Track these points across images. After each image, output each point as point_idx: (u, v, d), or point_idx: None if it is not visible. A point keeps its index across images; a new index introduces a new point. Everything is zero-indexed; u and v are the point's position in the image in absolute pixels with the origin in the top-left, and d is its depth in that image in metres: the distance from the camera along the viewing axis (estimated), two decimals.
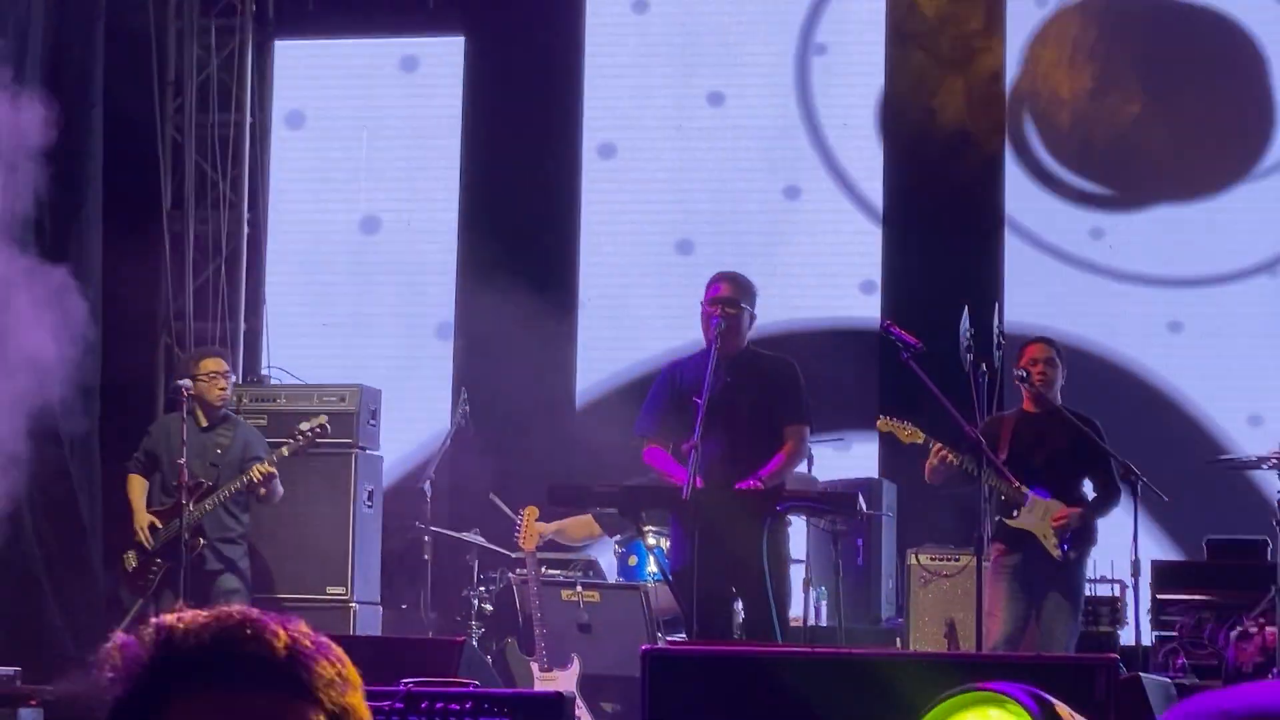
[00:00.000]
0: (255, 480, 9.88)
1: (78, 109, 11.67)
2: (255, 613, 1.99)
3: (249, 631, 1.96)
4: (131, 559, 10.04)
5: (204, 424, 10.14)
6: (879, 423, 9.44)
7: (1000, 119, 12.29)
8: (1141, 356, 12.00)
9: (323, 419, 10.23)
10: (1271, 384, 11.74)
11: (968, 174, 12.22)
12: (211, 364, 10.23)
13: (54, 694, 9.41)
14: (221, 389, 10.14)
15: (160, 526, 9.95)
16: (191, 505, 9.82)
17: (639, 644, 7.14)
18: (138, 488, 10.18)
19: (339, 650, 2.02)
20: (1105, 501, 9.28)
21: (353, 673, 2.03)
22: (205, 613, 1.98)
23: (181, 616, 1.98)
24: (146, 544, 9.96)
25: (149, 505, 10.10)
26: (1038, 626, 9.13)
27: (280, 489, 10.08)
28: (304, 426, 10.16)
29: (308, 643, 1.98)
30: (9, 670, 9.46)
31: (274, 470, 9.93)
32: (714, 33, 12.80)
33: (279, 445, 10.15)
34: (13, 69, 10.87)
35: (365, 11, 13.13)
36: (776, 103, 12.67)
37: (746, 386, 8.58)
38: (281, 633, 1.97)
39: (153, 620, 1.99)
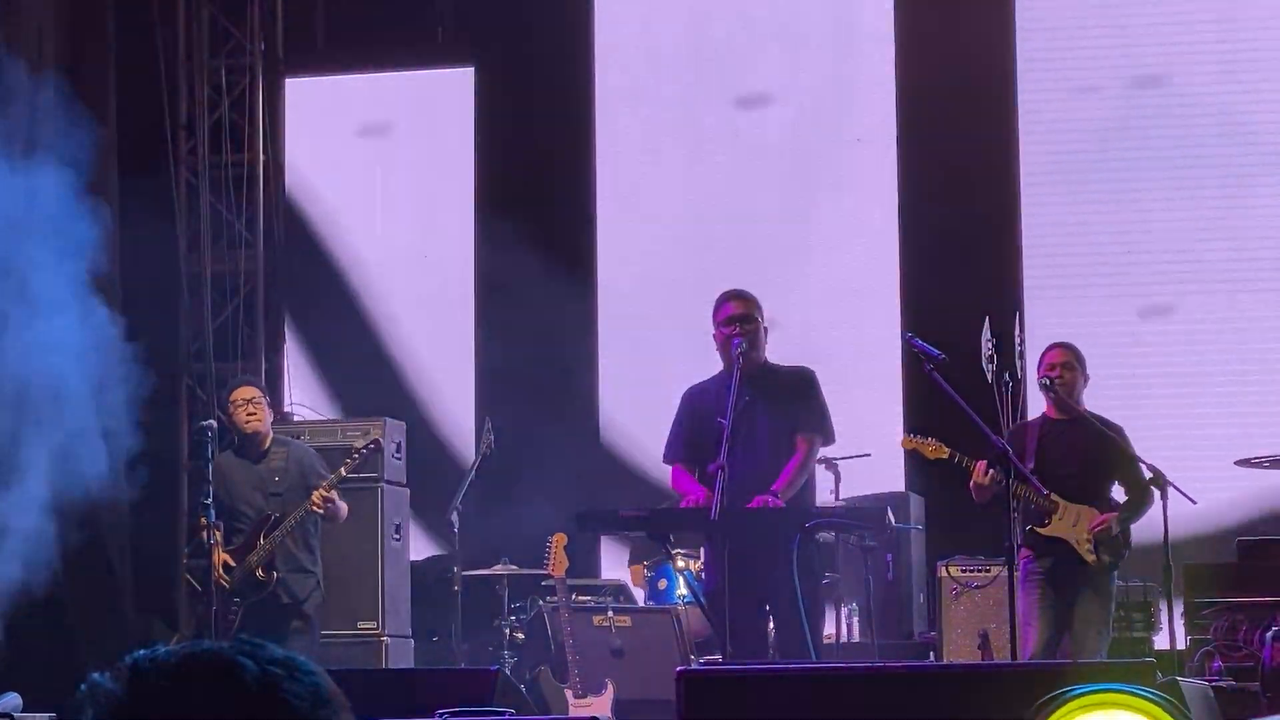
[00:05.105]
0: (315, 508, 9.75)
1: (91, 154, 11.68)
2: (225, 645, 2.01)
3: (218, 662, 1.97)
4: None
5: (253, 456, 10.00)
6: (903, 441, 9.39)
7: (1015, 122, 12.28)
8: (1164, 357, 11.98)
9: (376, 435, 10.19)
10: None
11: (985, 179, 12.21)
12: (239, 392, 10.13)
13: None
14: (251, 414, 10.01)
15: (234, 565, 9.74)
16: (262, 539, 9.77)
17: (672, 667, 7.12)
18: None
19: (317, 670, 2.03)
20: (1137, 505, 9.24)
21: (332, 689, 2.03)
22: (176, 647, 2.00)
23: (154, 652, 1.99)
24: (225, 584, 9.75)
25: (223, 546, 9.82)
26: (1070, 634, 9.09)
27: (344, 507, 9.92)
28: (359, 444, 10.12)
29: (278, 668, 1.99)
30: (44, 717, 9.45)
31: (331, 494, 9.79)
32: (724, 53, 12.80)
33: (335, 467, 9.99)
34: (26, 121, 10.91)
35: (374, 46, 13.15)
36: (790, 119, 12.66)
37: (766, 402, 8.55)
38: (250, 660, 1.98)
39: (126, 659, 2.01)
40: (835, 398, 8.96)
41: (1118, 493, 9.32)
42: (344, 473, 9.94)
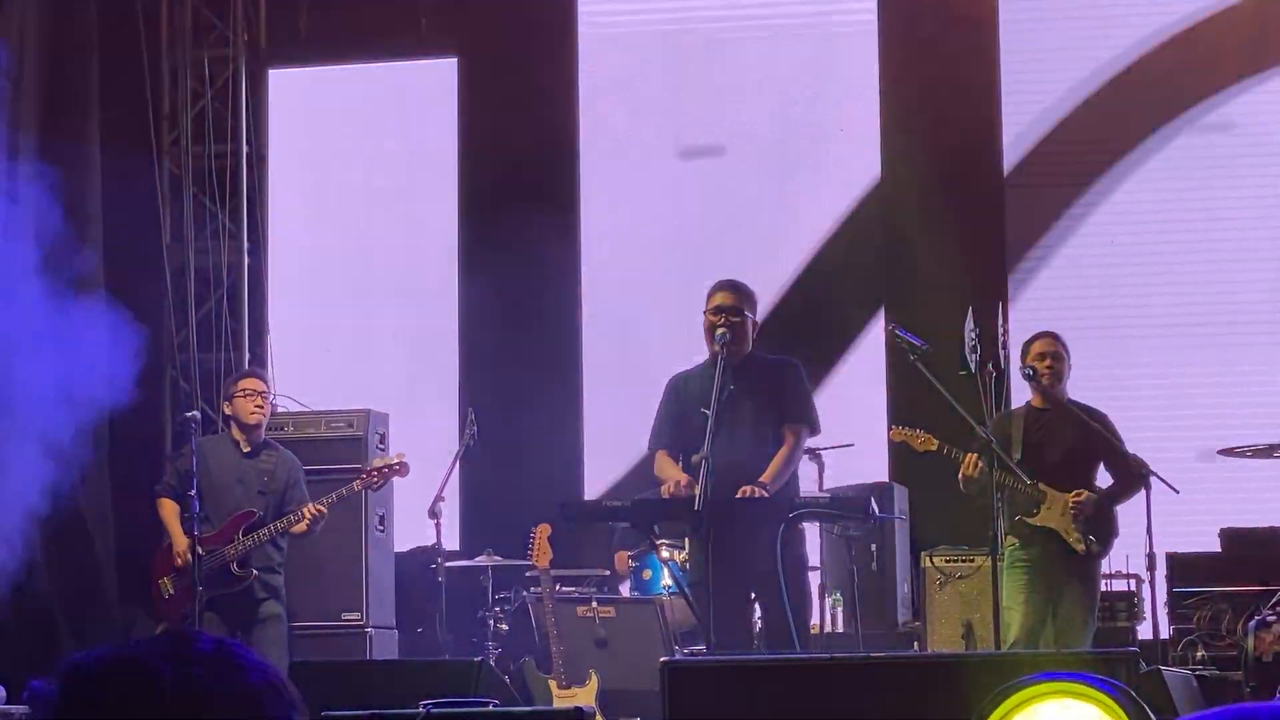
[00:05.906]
0: (306, 523, 9.66)
1: (74, 146, 11.67)
2: (158, 647, 2.04)
3: (136, 668, 2.01)
4: (168, 585, 9.76)
5: (245, 449, 9.98)
6: (892, 433, 9.39)
7: (998, 115, 12.27)
8: (1148, 347, 11.99)
9: (401, 456, 10.11)
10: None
11: (969, 170, 12.21)
12: (247, 383, 10.08)
13: None
14: (258, 406, 9.96)
15: (202, 554, 9.62)
16: (241, 534, 9.72)
17: (656, 657, 7.13)
18: (172, 512, 9.82)
19: (258, 668, 2.05)
20: (1122, 491, 9.25)
21: (271, 688, 2.05)
22: (108, 649, 2.04)
23: (88, 654, 2.03)
24: (181, 566, 9.65)
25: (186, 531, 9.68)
26: (1055, 623, 9.10)
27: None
28: (378, 463, 10.03)
29: (203, 670, 2.02)
30: (25, 709, 9.43)
31: (325, 511, 9.72)
32: (709, 44, 12.79)
33: (349, 480, 9.93)
34: (9, 111, 10.89)
35: (357, 37, 13.12)
36: (774, 111, 12.65)
37: (750, 392, 8.56)
38: (169, 665, 2.01)
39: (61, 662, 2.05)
40: (819, 388, 8.97)
41: (1104, 481, 9.33)
42: (357, 487, 9.88)
